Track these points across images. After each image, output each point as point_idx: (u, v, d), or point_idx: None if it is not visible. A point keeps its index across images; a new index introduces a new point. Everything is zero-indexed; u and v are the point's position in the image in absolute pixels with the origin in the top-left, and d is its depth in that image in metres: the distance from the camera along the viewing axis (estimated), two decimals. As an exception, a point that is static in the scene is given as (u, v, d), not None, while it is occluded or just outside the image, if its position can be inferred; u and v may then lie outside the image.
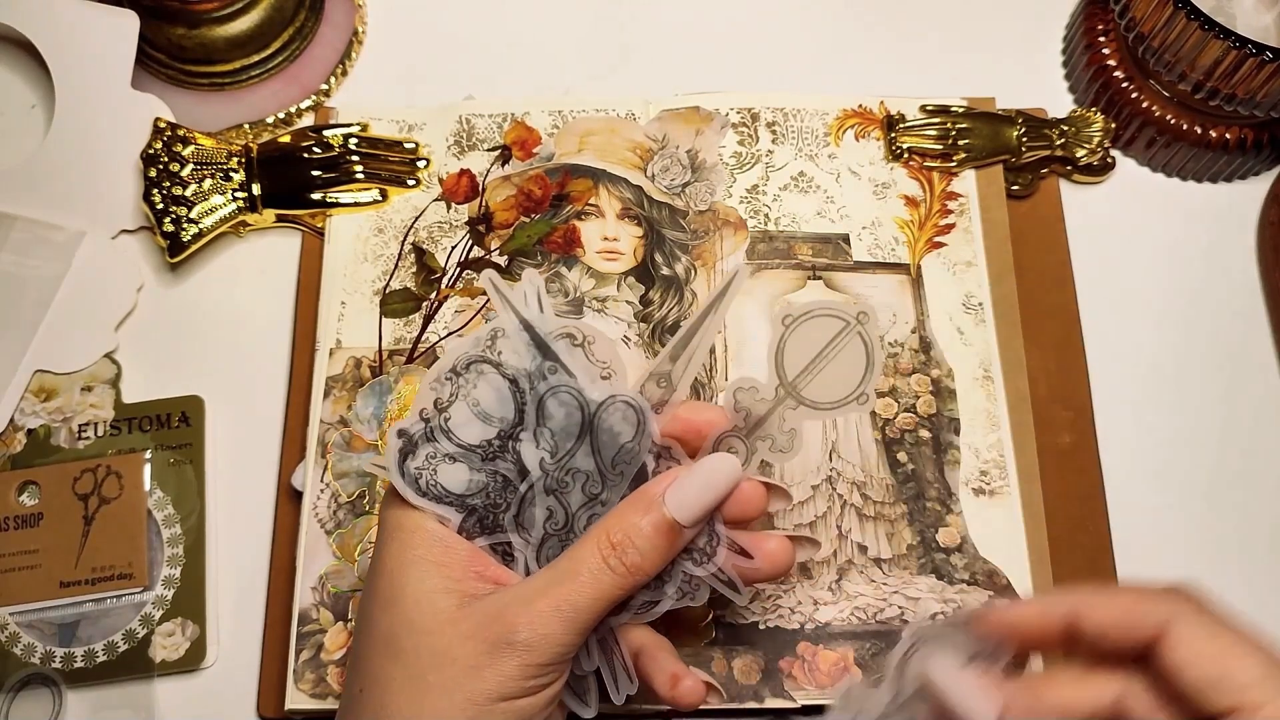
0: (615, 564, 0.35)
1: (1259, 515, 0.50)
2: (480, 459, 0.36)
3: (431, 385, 0.36)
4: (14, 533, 0.47)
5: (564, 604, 0.34)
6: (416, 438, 0.36)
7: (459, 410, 0.36)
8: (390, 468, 0.36)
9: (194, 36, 0.55)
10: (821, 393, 0.35)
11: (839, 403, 0.35)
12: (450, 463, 0.36)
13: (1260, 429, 0.52)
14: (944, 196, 0.53)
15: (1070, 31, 0.59)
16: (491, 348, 0.36)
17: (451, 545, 0.36)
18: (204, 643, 0.46)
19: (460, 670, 0.33)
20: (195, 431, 0.50)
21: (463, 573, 0.35)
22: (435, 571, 0.35)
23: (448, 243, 0.52)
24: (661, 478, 0.36)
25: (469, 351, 0.36)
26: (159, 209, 0.51)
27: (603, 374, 0.36)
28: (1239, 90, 0.50)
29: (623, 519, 0.35)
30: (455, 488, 0.36)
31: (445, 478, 0.36)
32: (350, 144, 0.53)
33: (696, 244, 0.52)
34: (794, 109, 0.55)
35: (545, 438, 0.36)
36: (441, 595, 0.35)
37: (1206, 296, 0.54)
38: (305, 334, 0.51)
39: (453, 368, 0.36)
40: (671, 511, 0.35)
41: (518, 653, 0.33)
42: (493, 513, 0.36)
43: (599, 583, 0.35)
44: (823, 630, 0.45)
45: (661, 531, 0.35)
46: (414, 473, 0.35)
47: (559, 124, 0.54)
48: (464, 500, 0.36)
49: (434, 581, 0.35)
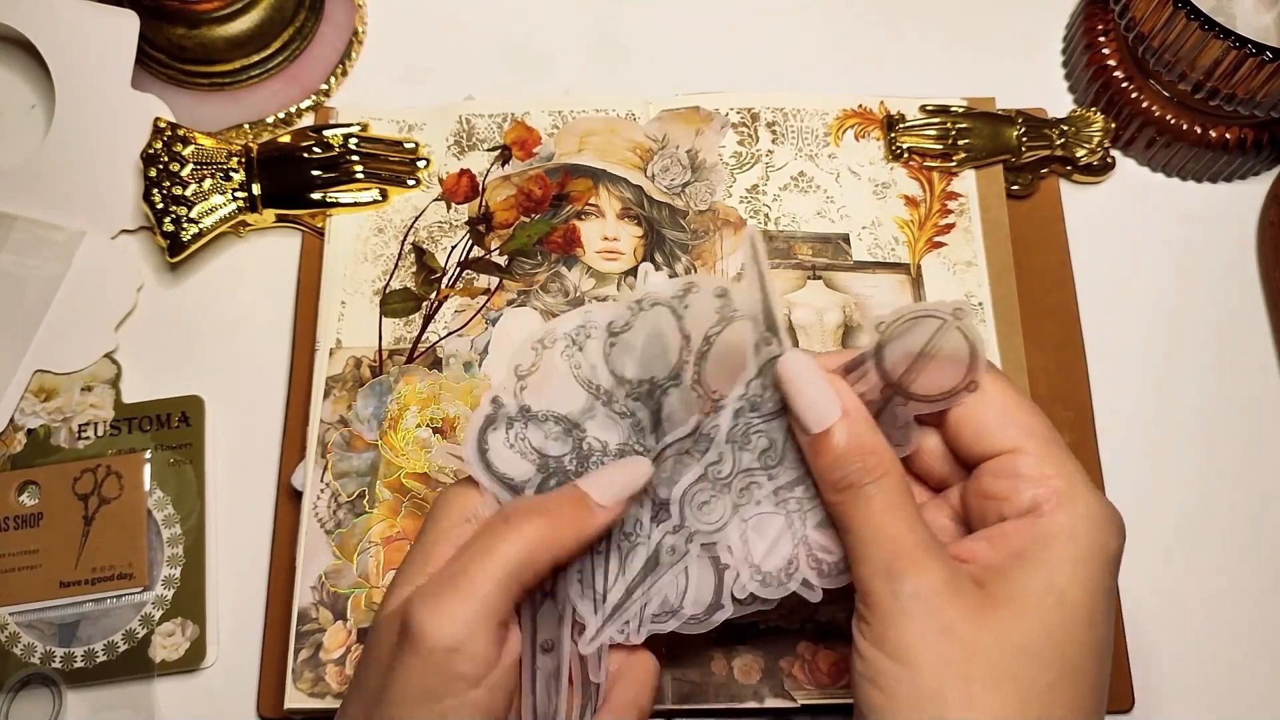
0: (518, 523, 0.34)
1: (1259, 515, 0.50)
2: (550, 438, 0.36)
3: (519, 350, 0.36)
4: (14, 533, 0.47)
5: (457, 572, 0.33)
6: (506, 411, 0.36)
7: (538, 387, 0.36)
8: (470, 432, 0.35)
9: (194, 36, 0.55)
10: (931, 386, 0.36)
11: (950, 393, 0.35)
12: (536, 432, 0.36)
13: (1260, 429, 0.52)
14: (944, 196, 0.53)
15: (1070, 31, 0.59)
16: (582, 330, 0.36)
17: None
18: (204, 643, 0.46)
19: (379, 672, 0.33)
20: (195, 431, 0.50)
21: None
22: (422, 571, 0.35)
23: (448, 243, 0.52)
24: None
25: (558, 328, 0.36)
26: (159, 209, 0.51)
27: None
28: (1239, 90, 0.50)
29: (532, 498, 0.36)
30: (521, 471, 0.36)
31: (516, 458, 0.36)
32: (350, 144, 0.53)
33: (696, 244, 0.52)
34: (794, 109, 0.55)
35: None
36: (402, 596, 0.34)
37: (1206, 296, 0.54)
38: (305, 334, 0.51)
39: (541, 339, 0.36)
40: (583, 485, 0.35)
41: (415, 641, 0.31)
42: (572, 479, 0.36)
43: (490, 544, 0.33)
44: (823, 630, 0.45)
45: (569, 499, 0.35)
46: (489, 444, 0.36)
47: (559, 124, 0.54)
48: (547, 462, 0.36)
49: (414, 580, 0.34)
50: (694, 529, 0.37)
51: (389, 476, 0.47)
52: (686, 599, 0.37)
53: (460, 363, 0.49)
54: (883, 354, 0.36)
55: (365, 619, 0.45)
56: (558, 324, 0.36)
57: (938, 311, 0.35)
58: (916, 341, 0.35)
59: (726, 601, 0.37)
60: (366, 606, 0.45)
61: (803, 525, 0.37)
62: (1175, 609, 0.48)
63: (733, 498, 0.37)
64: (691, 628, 0.37)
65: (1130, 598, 0.47)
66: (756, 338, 0.36)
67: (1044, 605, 0.32)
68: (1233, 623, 0.48)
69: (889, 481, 0.34)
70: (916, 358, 0.35)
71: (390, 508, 0.47)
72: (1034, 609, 0.32)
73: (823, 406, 0.34)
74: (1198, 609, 0.48)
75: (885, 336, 0.36)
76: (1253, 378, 0.52)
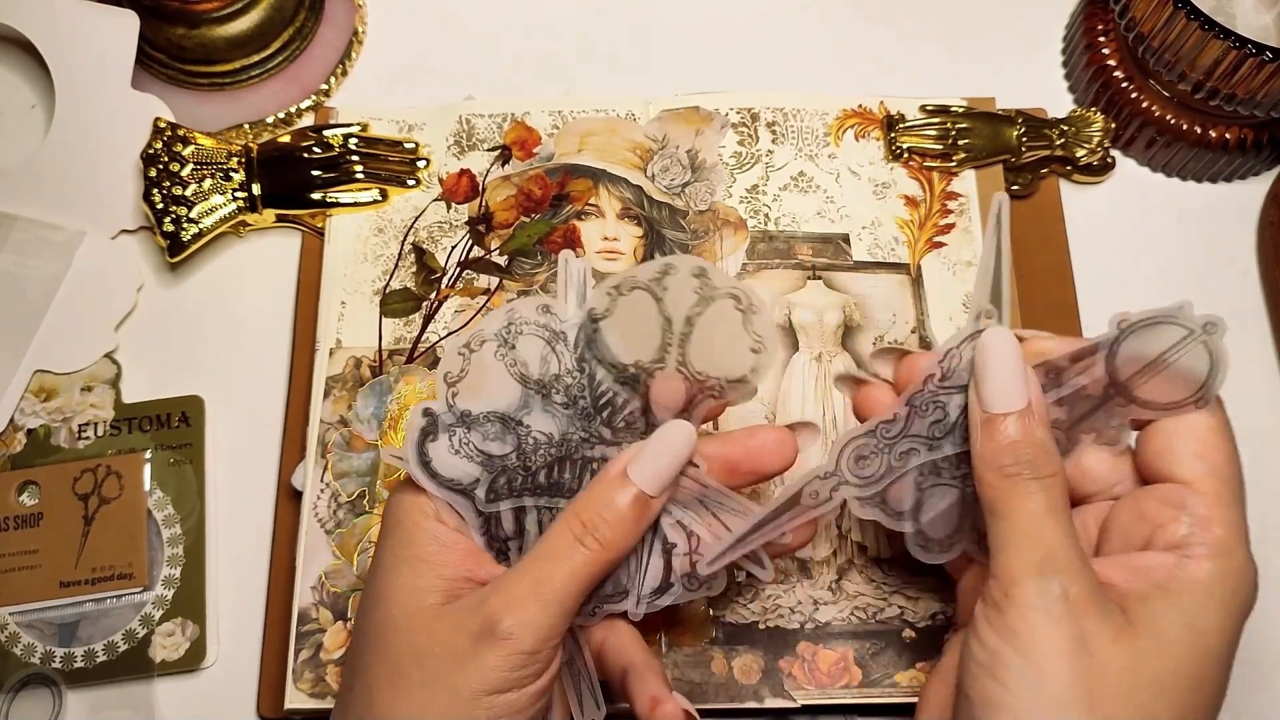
0: (590, 542, 0.35)
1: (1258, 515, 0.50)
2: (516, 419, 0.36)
3: (447, 358, 0.36)
4: (14, 533, 0.47)
5: (541, 585, 0.34)
6: (441, 418, 0.36)
7: (469, 389, 0.36)
8: (408, 447, 0.36)
9: (194, 36, 0.55)
10: (1156, 394, 0.35)
11: (1177, 404, 0.35)
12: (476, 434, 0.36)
13: (1260, 429, 0.51)
14: (944, 196, 0.53)
15: (1070, 31, 0.59)
16: (508, 330, 0.36)
17: (447, 544, 0.36)
18: (204, 643, 0.46)
19: (443, 665, 0.33)
20: (195, 431, 0.50)
21: (454, 572, 0.35)
22: (425, 570, 0.35)
23: (448, 243, 0.52)
24: (623, 454, 0.36)
25: (484, 329, 0.36)
26: (159, 209, 0.51)
27: None
28: (1239, 90, 0.50)
29: (590, 497, 0.36)
30: (465, 472, 0.36)
31: (457, 461, 0.36)
32: (350, 144, 0.53)
33: (696, 244, 0.52)
34: (794, 109, 0.55)
35: None
36: (427, 593, 0.35)
37: (1206, 296, 0.54)
38: (305, 334, 0.51)
39: (467, 343, 0.36)
40: (636, 482, 0.35)
41: (499, 642, 0.33)
42: (522, 473, 0.37)
43: (574, 562, 0.35)
44: (823, 630, 0.45)
45: (629, 504, 0.35)
46: (430, 455, 0.36)
47: (559, 124, 0.54)
48: (493, 461, 0.36)
49: (423, 580, 0.35)
50: (844, 478, 0.37)
51: (389, 476, 0.47)
52: (640, 579, 0.38)
53: (460, 363, 0.49)
54: (1116, 349, 0.35)
55: (365, 619, 0.45)
56: (484, 325, 0.36)
57: (1188, 321, 0.34)
58: (1156, 346, 0.35)
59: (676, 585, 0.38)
60: (366, 606, 0.45)
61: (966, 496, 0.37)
62: (1175, 609, 0.48)
63: (891, 459, 0.37)
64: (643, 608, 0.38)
65: (1130, 598, 0.47)
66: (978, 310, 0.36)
67: (1184, 644, 0.32)
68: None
69: (1055, 483, 0.34)
70: (1151, 363, 0.35)
71: (390, 508, 0.47)
72: (1174, 646, 0.32)
73: (1011, 390, 0.34)
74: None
75: (1125, 332, 0.35)
76: (1253, 378, 0.52)
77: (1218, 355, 0.34)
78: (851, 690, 0.44)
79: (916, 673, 0.44)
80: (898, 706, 0.44)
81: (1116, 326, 0.35)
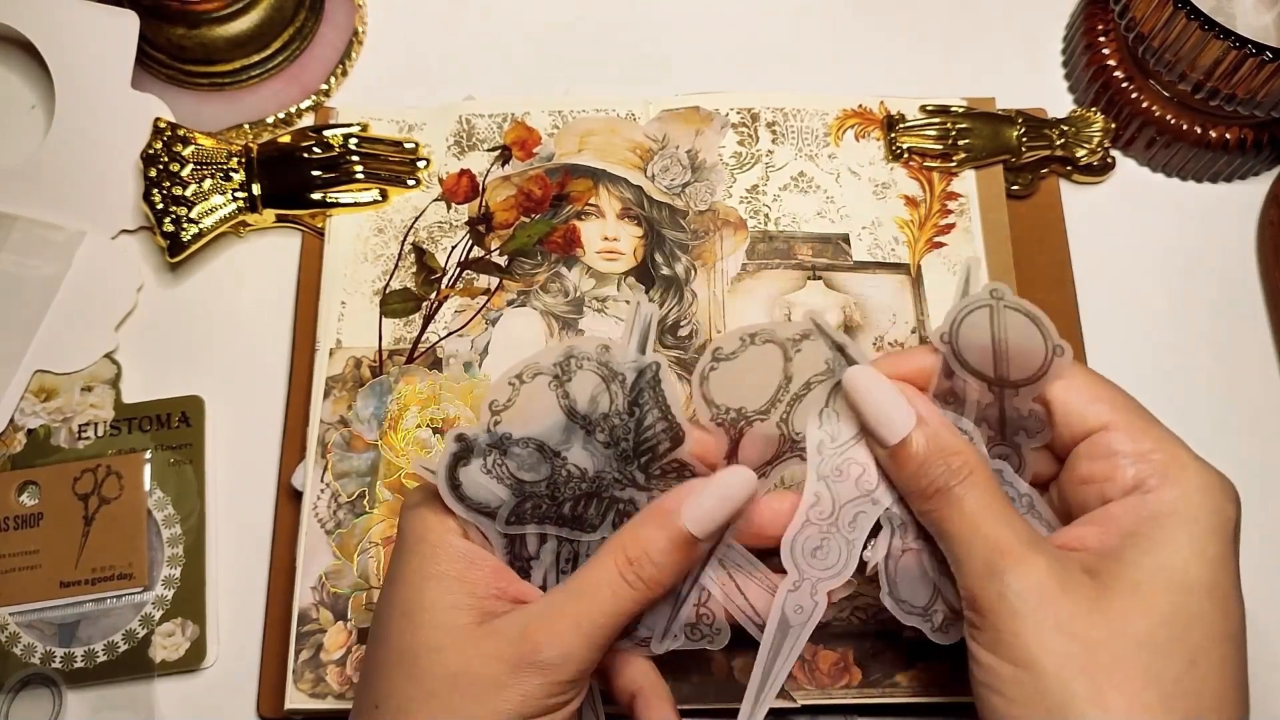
0: (632, 579, 0.35)
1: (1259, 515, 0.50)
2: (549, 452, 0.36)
3: (496, 386, 0.36)
4: (14, 533, 0.47)
5: (584, 620, 0.34)
6: (476, 443, 0.36)
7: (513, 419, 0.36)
8: (439, 471, 0.35)
9: (194, 36, 0.55)
10: (1024, 370, 0.35)
11: (1045, 365, 0.35)
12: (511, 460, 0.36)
13: (1260, 429, 0.52)
14: (944, 196, 0.53)
15: (1070, 31, 0.59)
16: (564, 365, 0.36)
17: (475, 561, 0.35)
18: (204, 643, 0.46)
19: (482, 689, 0.33)
20: (195, 431, 0.50)
21: (485, 590, 0.35)
22: (456, 587, 0.35)
23: (448, 243, 0.52)
24: (676, 491, 0.36)
25: (540, 363, 0.36)
26: (159, 209, 0.51)
27: None
28: (1239, 90, 0.50)
29: (638, 533, 0.35)
30: (495, 498, 0.36)
31: (489, 487, 0.36)
32: (350, 144, 0.53)
33: (696, 244, 0.52)
34: (794, 109, 0.55)
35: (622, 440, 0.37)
36: (463, 612, 0.34)
37: (1206, 296, 0.54)
38: (305, 334, 0.51)
39: (519, 374, 0.36)
40: (686, 524, 0.35)
41: (541, 671, 0.33)
42: (548, 502, 0.36)
43: (617, 597, 0.34)
44: (823, 630, 0.45)
45: (677, 544, 0.35)
46: (461, 479, 0.35)
47: (559, 124, 0.54)
48: (522, 487, 0.36)
49: (454, 597, 0.34)
50: (815, 578, 0.37)
51: (389, 477, 0.47)
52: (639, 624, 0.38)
53: (460, 363, 0.49)
54: (965, 360, 0.35)
55: (366, 619, 0.45)
56: (538, 358, 0.36)
57: (979, 301, 0.35)
58: (983, 335, 0.35)
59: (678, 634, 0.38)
60: (367, 607, 0.45)
61: None
62: (1175, 609, 0.48)
63: (843, 535, 0.36)
64: (640, 651, 0.39)
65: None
66: (825, 363, 0.36)
67: (1164, 589, 0.31)
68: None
69: (977, 479, 0.33)
70: (993, 349, 0.35)
71: (390, 508, 0.47)
72: (1154, 594, 0.31)
73: (896, 415, 0.34)
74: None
75: (956, 344, 0.35)
76: (1253, 377, 0.52)
77: (1027, 307, 0.35)
78: (851, 690, 0.44)
79: (917, 673, 0.44)
80: (898, 706, 0.44)
81: (942, 341, 0.36)
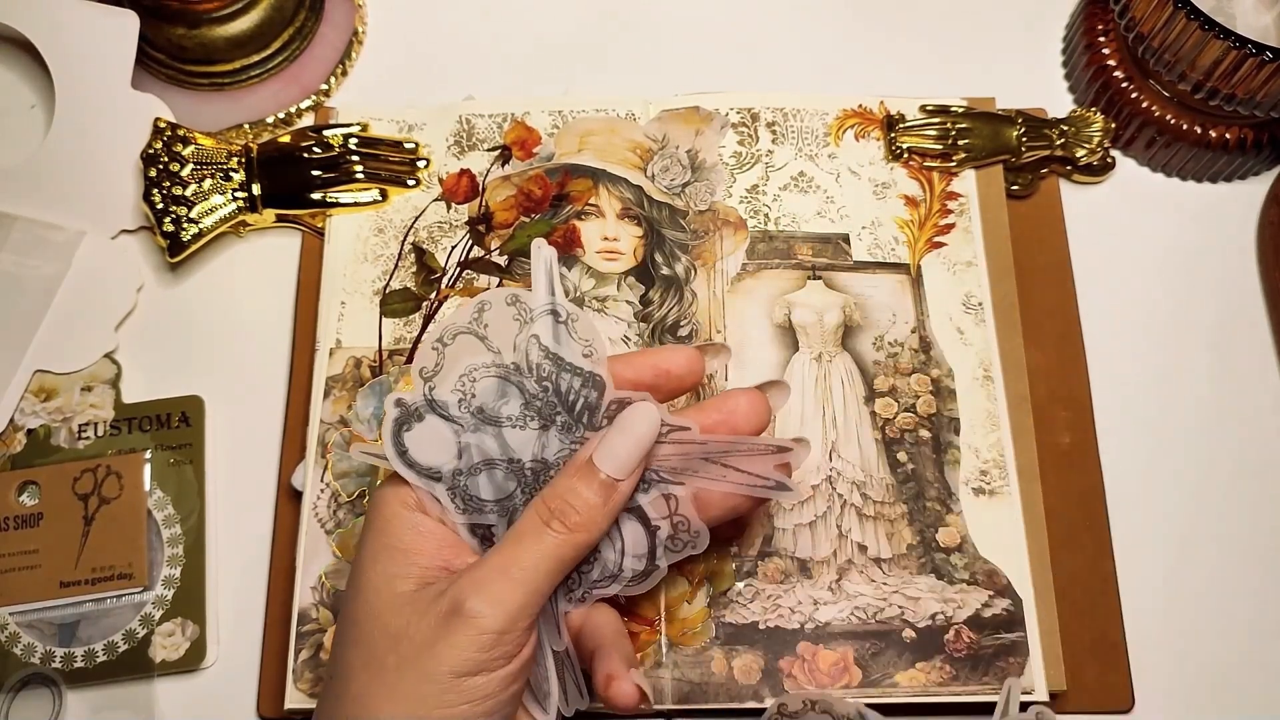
0: (557, 525, 0.35)
1: (1259, 515, 0.50)
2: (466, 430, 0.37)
3: (421, 352, 0.37)
4: (14, 533, 0.47)
5: (508, 565, 0.35)
6: (415, 408, 0.36)
7: (445, 382, 0.36)
8: (385, 439, 0.36)
9: (194, 36, 0.55)
10: None
11: None
12: (438, 434, 0.36)
13: (1260, 429, 0.52)
14: (944, 196, 0.53)
15: (1070, 31, 0.59)
16: (478, 320, 0.36)
17: (424, 532, 0.36)
18: (204, 643, 0.46)
19: (415, 649, 0.34)
20: (195, 431, 0.50)
21: (429, 560, 0.36)
22: (401, 558, 0.35)
23: (448, 243, 0.52)
24: (589, 442, 0.36)
25: (456, 322, 0.37)
26: (159, 209, 0.51)
27: (584, 351, 0.37)
28: (1239, 90, 0.50)
29: (556, 484, 0.36)
30: (442, 460, 0.36)
31: (433, 450, 0.36)
32: (350, 144, 0.53)
33: (696, 244, 0.52)
34: (794, 109, 0.55)
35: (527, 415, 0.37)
36: (402, 580, 0.35)
37: (1206, 296, 0.54)
38: (305, 334, 0.51)
39: (439, 337, 0.36)
40: (601, 467, 0.36)
41: (467, 620, 0.33)
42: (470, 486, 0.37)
43: (541, 543, 0.35)
44: (823, 630, 0.45)
45: (594, 488, 0.35)
46: (407, 444, 0.36)
47: (559, 124, 0.54)
48: (447, 472, 0.36)
49: (397, 567, 0.35)
50: None
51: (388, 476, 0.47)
52: (625, 562, 0.38)
53: (460, 363, 0.49)
54: None
55: (365, 619, 0.45)
56: (455, 318, 0.36)
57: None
58: None
59: (661, 561, 0.38)
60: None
61: None
62: (1175, 609, 0.48)
63: None
64: (632, 589, 0.38)
65: (1130, 597, 0.47)
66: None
67: None
68: (1233, 622, 0.48)
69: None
70: None
71: (390, 508, 0.47)
72: None
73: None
74: (1197, 609, 0.48)
75: None
76: (1253, 377, 0.52)
77: None
78: (851, 690, 0.44)
79: (916, 673, 0.44)
80: (898, 706, 0.44)
81: None
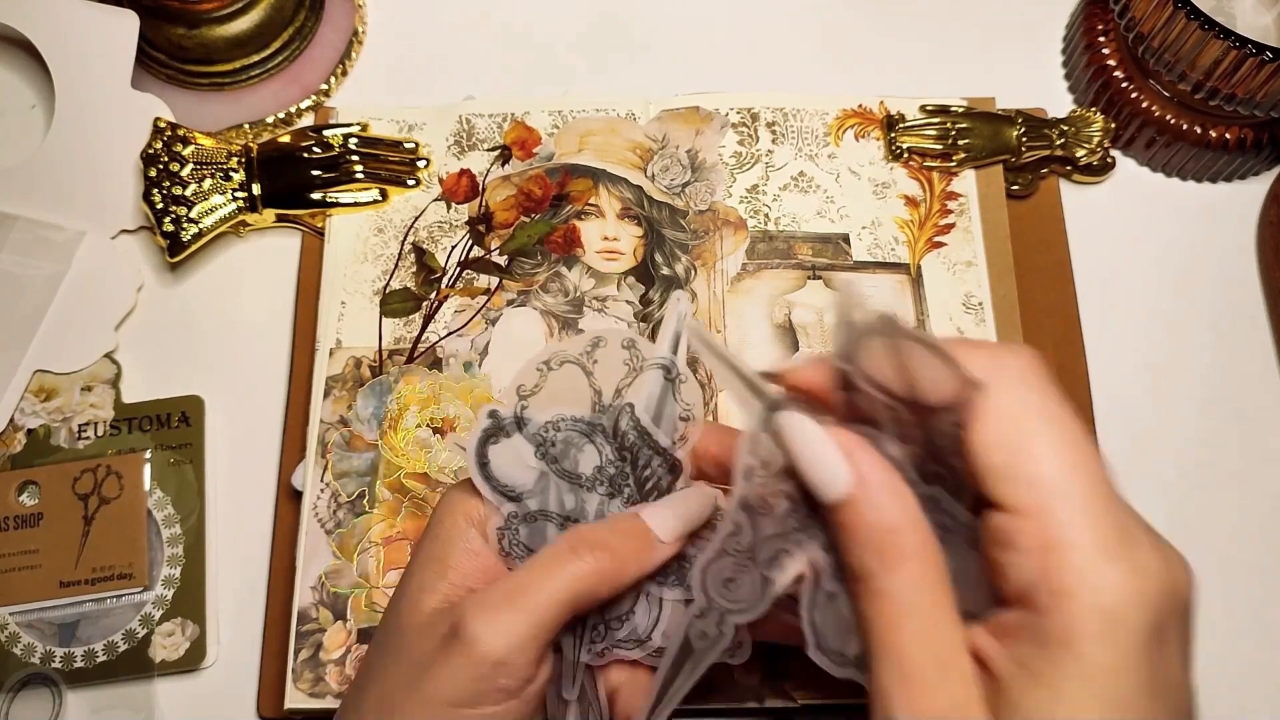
0: (584, 552, 0.33)
1: (1259, 514, 0.50)
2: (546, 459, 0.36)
3: (524, 370, 0.36)
4: (14, 533, 0.47)
5: (518, 592, 0.32)
6: (505, 424, 0.35)
7: (539, 407, 0.35)
8: (470, 447, 0.35)
9: (194, 36, 0.55)
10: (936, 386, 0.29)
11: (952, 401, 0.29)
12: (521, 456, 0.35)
13: (1260, 428, 0.52)
14: (944, 196, 0.53)
15: (1070, 31, 0.59)
16: (589, 355, 0.36)
17: (473, 551, 0.35)
18: (204, 643, 0.46)
19: (414, 668, 0.32)
20: (195, 431, 0.50)
21: (463, 579, 0.34)
22: (438, 571, 0.34)
23: (448, 243, 0.52)
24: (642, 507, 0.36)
25: (567, 350, 0.36)
26: (159, 209, 0.51)
27: (682, 414, 0.36)
28: (1239, 90, 0.50)
29: (598, 524, 0.35)
30: (519, 482, 0.35)
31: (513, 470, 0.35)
32: (350, 144, 0.53)
33: (696, 244, 0.52)
34: (794, 109, 0.55)
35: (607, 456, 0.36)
36: (430, 594, 0.34)
37: (1206, 296, 0.54)
38: (305, 334, 0.51)
39: (547, 360, 0.36)
40: (646, 519, 0.35)
41: (465, 644, 0.31)
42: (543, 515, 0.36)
43: (561, 571, 0.33)
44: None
45: (634, 533, 0.34)
46: (490, 457, 0.35)
47: (559, 124, 0.54)
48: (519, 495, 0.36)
49: (431, 580, 0.34)
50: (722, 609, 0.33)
51: (389, 476, 0.47)
52: (655, 632, 0.36)
53: (460, 363, 0.49)
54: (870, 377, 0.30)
55: (365, 619, 0.45)
56: (567, 346, 0.36)
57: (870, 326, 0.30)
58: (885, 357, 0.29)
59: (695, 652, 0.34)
60: (367, 607, 0.45)
61: None
62: (1175, 609, 0.48)
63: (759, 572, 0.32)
64: (654, 660, 0.36)
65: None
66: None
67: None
68: (1233, 622, 0.48)
69: (907, 573, 0.28)
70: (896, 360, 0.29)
71: (390, 508, 0.47)
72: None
73: (829, 475, 0.29)
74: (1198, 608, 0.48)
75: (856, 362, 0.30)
76: (1253, 377, 0.52)
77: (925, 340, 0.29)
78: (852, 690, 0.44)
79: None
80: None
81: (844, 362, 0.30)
